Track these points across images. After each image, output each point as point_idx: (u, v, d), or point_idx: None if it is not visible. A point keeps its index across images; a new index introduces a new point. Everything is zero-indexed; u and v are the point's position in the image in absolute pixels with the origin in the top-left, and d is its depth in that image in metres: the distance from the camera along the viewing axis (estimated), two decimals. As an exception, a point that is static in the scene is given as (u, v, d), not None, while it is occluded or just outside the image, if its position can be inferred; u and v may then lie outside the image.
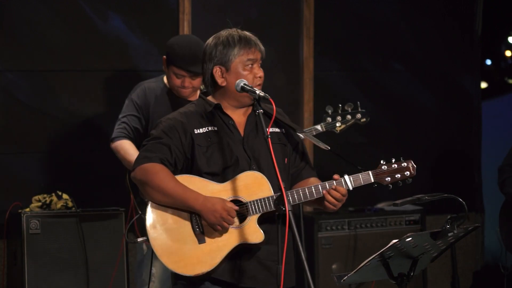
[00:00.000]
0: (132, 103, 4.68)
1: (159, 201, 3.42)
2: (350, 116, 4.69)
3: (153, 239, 3.41)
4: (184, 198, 3.38)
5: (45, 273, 5.01)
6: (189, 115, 3.52)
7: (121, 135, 4.66)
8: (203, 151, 3.45)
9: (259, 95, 3.40)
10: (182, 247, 3.39)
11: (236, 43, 3.51)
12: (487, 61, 7.51)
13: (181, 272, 3.39)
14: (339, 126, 4.67)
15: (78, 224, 5.09)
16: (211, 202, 3.37)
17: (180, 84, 4.59)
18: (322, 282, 5.70)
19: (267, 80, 6.07)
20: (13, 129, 5.49)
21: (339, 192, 3.48)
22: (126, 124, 4.66)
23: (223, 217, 3.36)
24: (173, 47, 4.58)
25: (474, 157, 6.87)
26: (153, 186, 3.39)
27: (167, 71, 4.61)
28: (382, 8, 6.54)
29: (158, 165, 3.40)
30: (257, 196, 3.43)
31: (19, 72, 5.50)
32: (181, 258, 3.39)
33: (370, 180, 3.52)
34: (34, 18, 5.49)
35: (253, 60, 3.53)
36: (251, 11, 6.11)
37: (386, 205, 6.16)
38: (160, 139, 3.44)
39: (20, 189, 5.40)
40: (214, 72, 3.51)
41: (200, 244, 3.39)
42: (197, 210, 3.38)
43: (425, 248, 3.45)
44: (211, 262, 3.38)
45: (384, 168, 3.55)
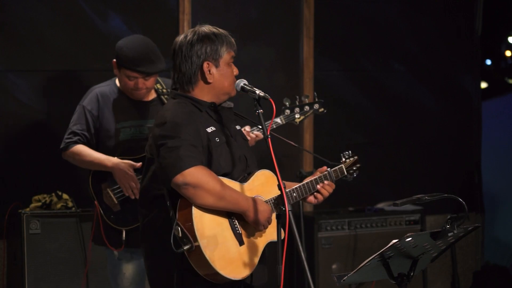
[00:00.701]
0: (82, 111, 4.57)
1: (211, 204, 3.31)
2: (308, 107, 4.66)
3: (204, 246, 3.28)
4: (237, 199, 3.36)
5: (45, 273, 5.01)
6: (194, 114, 3.44)
7: (71, 142, 4.54)
8: (217, 151, 3.43)
9: (259, 95, 3.41)
10: (228, 251, 3.35)
11: (224, 39, 3.50)
12: (487, 61, 7.51)
13: (232, 276, 3.33)
14: (298, 117, 4.64)
15: (78, 224, 5.09)
16: (259, 203, 3.42)
17: (134, 86, 4.49)
18: (322, 282, 5.70)
19: (267, 80, 6.10)
20: (13, 129, 5.49)
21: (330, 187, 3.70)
22: (76, 134, 4.55)
23: (269, 217, 3.43)
24: (122, 50, 4.49)
25: (474, 157, 6.87)
26: (209, 189, 3.28)
27: (119, 74, 4.52)
28: (382, 8, 6.54)
29: (205, 168, 3.32)
30: (272, 194, 3.50)
31: (19, 72, 5.50)
32: (229, 262, 3.34)
33: (344, 173, 3.77)
34: (34, 18, 5.49)
35: (233, 58, 3.56)
36: (251, 11, 6.11)
37: (386, 205, 6.16)
38: (190, 141, 3.33)
39: (20, 189, 5.40)
40: (204, 68, 3.47)
41: (240, 246, 3.39)
42: (247, 210, 3.38)
43: (425, 248, 3.45)
44: (251, 263, 3.41)
45: (348, 161, 3.80)
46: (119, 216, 4.48)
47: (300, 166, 6.13)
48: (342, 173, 3.76)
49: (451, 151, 6.79)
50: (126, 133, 4.53)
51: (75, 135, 4.56)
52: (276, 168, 3.24)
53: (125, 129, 4.54)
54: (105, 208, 4.52)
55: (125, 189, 4.43)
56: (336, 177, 3.73)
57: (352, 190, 6.26)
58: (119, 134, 4.53)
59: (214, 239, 3.32)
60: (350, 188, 6.31)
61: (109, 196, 4.50)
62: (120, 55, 4.48)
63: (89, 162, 4.50)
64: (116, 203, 4.48)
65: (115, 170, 4.42)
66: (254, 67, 6.03)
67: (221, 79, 3.49)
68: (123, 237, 4.45)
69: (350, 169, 3.79)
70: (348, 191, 6.29)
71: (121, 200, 4.48)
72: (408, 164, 6.61)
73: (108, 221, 4.49)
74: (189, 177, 3.27)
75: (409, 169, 6.59)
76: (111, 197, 4.49)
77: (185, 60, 3.47)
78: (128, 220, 4.45)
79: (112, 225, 4.48)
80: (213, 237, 3.32)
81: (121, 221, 4.47)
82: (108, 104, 4.57)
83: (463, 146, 6.84)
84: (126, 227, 4.45)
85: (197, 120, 3.42)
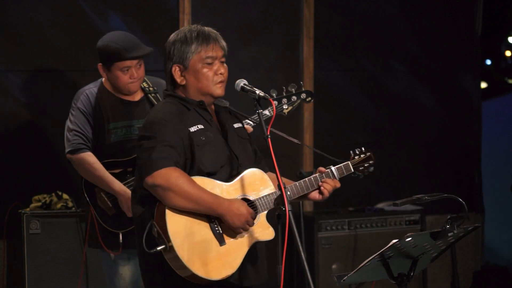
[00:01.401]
0: (80, 112, 4.50)
1: (181, 207, 3.30)
2: (296, 97, 4.57)
3: (178, 246, 3.27)
4: (209, 203, 3.32)
5: (45, 273, 5.01)
6: (179, 114, 3.44)
7: (83, 146, 4.45)
8: (201, 150, 3.41)
9: (259, 95, 3.40)
10: (205, 251, 3.32)
11: (194, 40, 3.45)
12: (487, 61, 7.51)
13: (210, 277, 3.30)
14: (286, 108, 4.53)
15: (78, 224, 5.09)
16: (235, 206, 3.34)
17: (129, 78, 4.43)
18: (322, 282, 5.70)
19: (267, 80, 6.10)
20: (13, 129, 5.49)
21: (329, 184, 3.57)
22: (82, 135, 4.48)
23: (247, 220, 3.36)
24: (107, 46, 4.43)
25: (474, 157, 6.86)
26: (178, 192, 3.28)
27: (110, 74, 4.45)
28: (382, 8, 6.54)
29: (177, 169, 3.31)
30: (262, 193, 3.45)
31: (19, 72, 5.50)
32: (205, 263, 3.31)
33: (350, 169, 3.66)
34: (34, 18, 5.49)
35: (213, 58, 3.47)
36: (251, 11, 6.11)
37: (386, 205, 6.16)
38: (166, 142, 3.34)
39: (20, 189, 5.40)
40: (173, 71, 3.47)
41: (221, 246, 3.35)
42: (222, 214, 3.33)
43: (425, 248, 3.45)
44: (233, 264, 3.37)
45: (357, 158, 3.69)
46: (115, 219, 4.44)
47: (300, 166, 6.13)
48: (349, 170, 3.64)
49: (451, 151, 6.79)
50: (118, 134, 4.49)
51: (82, 138, 4.48)
52: (276, 168, 3.23)
53: (116, 130, 4.49)
54: (101, 212, 4.45)
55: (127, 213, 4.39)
56: (341, 175, 3.62)
57: (352, 190, 6.26)
58: (111, 136, 4.48)
59: (190, 239, 3.30)
60: (350, 188, 6.31)
61: (103, 200, 4.46)
62: (107, 51, 4.43)
63: (97, 176, 4.41)
64: (111, 206, 4.44)
65: (121, 196, 4.39)
66: (254, 67, 6.03)
67: (193, 81, 3.47)
68: (120, 239, 4.42)
69: (360, 165, 3.67)
70: (348, 191, 6.28)
71: (115, 203, 4.45)
72: (408, 164, 6.60)
73: (105, 225, 4.45)
74: (158, 178, 3.28)
75: (409, 169, 6.59)
76: (105, 200, 4.46)
77: (164, 62, 3.52)
78: (124, 222, 4.41)
79: (109, 228, 4.45)
80: (188, 237, 3.30)
81: (118, 224, 4.43)
82: (99, 104, 4.51)
83: (463, 146, 6.84)
84: (123, 230, 4.41)
85: (179, 120, 3.41)
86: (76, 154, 4.46)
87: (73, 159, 4.48)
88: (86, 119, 4.50)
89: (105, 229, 4.45)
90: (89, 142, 4.47)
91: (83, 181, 4.50)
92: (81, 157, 4.44)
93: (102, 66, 4.48)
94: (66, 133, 4.54)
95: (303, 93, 4.57)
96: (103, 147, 4.49)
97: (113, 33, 4.58)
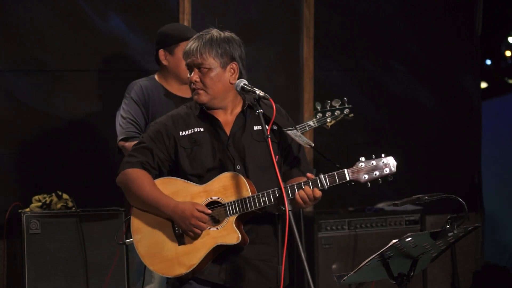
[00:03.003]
0: (133, 102, 4.58)
1: (136, 206, 3.49)
2: (339, 112, 4.82)
3: (137, 241, 3.47)
4: (156, 204, 3.43)
5: (45, 273, 5.01)
6: (177, 117, 3.55)
7: (135, 135, 4.49)
8: (187, 153, 3.48)
9: (259, 95, 3.40)
10: (162, 249, 3.44)
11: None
12: (487, 61, 7.51)
13: (161, 273, 3.47)
14: (330, 121, 4.80)
15: (78, 224, 5.09)
16: (180, 208, 3.40)
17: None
18: (322, 282, 5.70)
19: (267, 80, 6.10)
20: (13, 129, 5.49)
21: (306, 193, 3.35)
22: (136, 123, 4.53)
23: (192, 223, 3.38)
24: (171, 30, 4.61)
25: (474, 157, 6.86)
26: (131, 192, 3.47)
27: (173, 58, 4.56)
28: (382, 8, 6.54)
29: (139, 171, 3.47)
30: (235, 197, 3.42)
31: (19, 72, 5.50)
32: (161, 260, 3.44)
33: (345, 178, 3.36)
34: (34, 18, 5.49)
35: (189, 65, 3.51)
36: (251, 11, 6.11)
37: (386, 205, 6.16)
38: (143, 143, 3.50)
39: (20, 189, 5.40)
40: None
41: (180, 245, 3.43)
42: (169, 216, 3.43)
43: (425, 248, 3.45)
44: (188, 264, 3.41)
45: (361, 166, 3.39)
46: None
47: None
48: (342, 178, 3.38)
49: (451, 151, 6.79)
50: None
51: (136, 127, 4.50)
52: (276, 168, 3.23)
53: None
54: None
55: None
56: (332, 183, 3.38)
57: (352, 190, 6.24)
58: None
59: (150, 237, 3.46)
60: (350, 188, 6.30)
61: None
62: (171, 34, 4.58)
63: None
64: None
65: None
66: (254, 67, 6.03)
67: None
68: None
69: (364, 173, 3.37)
70: (348, 191, 6.28)
71: None
72: (408, 164, 6.59)
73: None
74: (120, 178, 3.51)
75: (409, 169, 6.58)
76: None
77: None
78: None
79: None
80: (148, 235, 3.47)
81: None
82: (152, 97, 4.60)
83: (463, 146, 6.84)
84: None
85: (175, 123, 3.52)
86: (128, 141, 4.50)
87: (125, 147, 4.50)
88: (139, 108, 4.57)
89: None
90: (141, 131, 4.51)
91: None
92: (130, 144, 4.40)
93: (164, 51, 4.58)
94: (119, 121, 4.58)
95: (346, 108, 4.82)
96: None
97: (171, 24, 4.77)
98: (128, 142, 4.49)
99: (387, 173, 3.41)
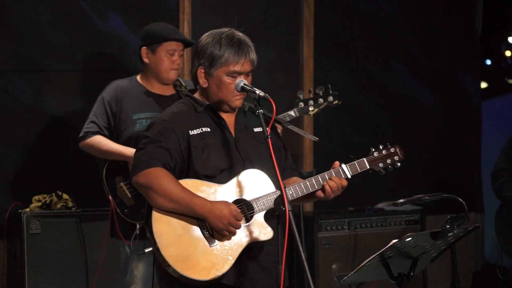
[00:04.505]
0: (102, 102, 4.66)
1: (164, 207, 3.32)
2: (322, 100, 4.67)
3: (163, 247, 3.29)
4: (190, 204, 3.31)
5: (45, 273, 5.01)
6: (182, 115, 3.46)
7: (90, 131, 4.62)
8: (199, 153, 3.41)
9: (259, 95, 3.39)
10: (194, 252, 3.31)
11: (226, 49, 3.42)
12: (487, 61, 7.51)
13: (197, 277, 3.30)
14: (312, 110, 4.63)
15: (78, 224, 5.09)
16: (217, 208, 3.32)
17: (172, 63, 4.59)
18: (322, 282, 5.70)
19: (267, 80, 6.10)
20: (13, 129, 5.49)
21: (335, 182, 3.51)
22: (94, 123, 4.63)
23: (230, 222, 3.33)
24: (151, 29, 4.64)
25: (474, 157, 6.87)
26: (158, 191, 3.30)
27: (154, 57, 4.60)
28: (382, 8, 6.54)
29: (162, 170, 3.33)
30: (259, 193, 3.43)
31: (19, 72, 5.50)
32: (195, 263, 3.31)
33: (366, 166, 3.61)
34: (34, 18, 5.49)
35: (239, 72, 3.45)
36: (251, 11, 6.12)
37: (386, 205, 6.16)
38: (159, 143, 3.37)
39: (20, 189, 5.40)
40: (198, 72, 3.47)
41: (211, 247, 3.34)
42: (204, 216, 3.32)
43: (425, 248, 3.45)
44: (224, 264, 3.35)
45: (376, 155, 3.64)
46: (133, 210, 4.51)
47: (300, 167, 6.13)
48: (363, 167, 3.58)
49: (451, 151, 6.79)
50: (142, 124, 4.58)
51: (94, 126, 4.63)
52: (276, 168, 3.23)
53: (141, 120, 4.60)
54: (119, 203, 4.57)
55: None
56: (354, 172, 3.57)
57: (352, 190, 6.24)
58: (135, 125, 4.59)
59: (176, 240, 3.31)
60: (350, 188, 6.30)
61: (122, 191, 4.54)
62: (156, 33, 4.60)
63: (106, 151, 4.57)
64: (130, 197, 4.52)
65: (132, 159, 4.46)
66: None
67: (215, 89, 3.46)
68: (137, 231, 4.46)
69: (380, 161, 3.61)
70: (348, 191, 6.27)
71: (134, 194, 4.50)
72: (408, 164, 6.59)
73: (122, 215, 4.53)
74: (142, 178, 3.33)
75: (409, 169, 6.58)
76: (124, 191, 4.53)
77: (193, 58, 3.51)
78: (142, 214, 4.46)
79: (126, 219, 4.52)
80: (175, 239, 3.31)
81: (135, 215, 4.49)
82: (127, 96, 4.64)
83: (463, 146, 6.84)
84: (140, 221, 4.46)
85: (182, 121, 3.43)
86: (84, 140, 4.63)
87: (82, 146, 4.67)
88: (104, 108, 4.64)
89: (123, 220, 4.51)
90: (101, 129, 4.61)
91: (104, 172, 4.61)
92: (88, 142, 4.62)
93: (147, 49, 4.62)
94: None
95: (330, 95, 4.66)
96: (127, 136, 4.60)
97: (156, 23, 4.77)
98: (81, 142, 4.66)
99: (397, 159, 3.69)
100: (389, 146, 3.69)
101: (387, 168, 3.65)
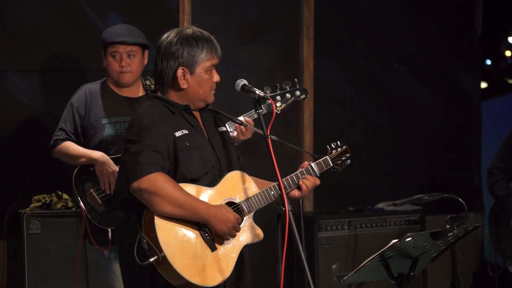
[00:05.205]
0: (70, 108, 4.63)
1: (168, 212, 3.26)
2: (289, 95, 4.59)
3: (171, 256, 3.23)
4: (196, 209, 3.28)
5: (45, 273, 5.01)
6: (164, 117, 3.40)
7: (59, 138, 4.61)
8: (185, 156, 3.37)
9: (259, 95, 3.40)
10: (199, 259, 3.30)
11: (204, 46, 3.42)
12: (487, 61, 7.50)
13: (205, 284, 3.28)
14: (280, 106, 4.57)
15: (78, 224, 5.09)
16: (221, 212, 3.32)
17: (118, 66, 4.53)
18: (322, 282, 5.70)
19: (267, 80, 6.10)
20: (13, 129, 5.49)
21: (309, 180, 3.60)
22: (63, 130, 4.62)
23: (234, 226, 3.34)
24: (105, 31, 4.62)
25: (474, 157, 6.86)
26: (165, 197, 3.23)
27: (106, 60, 4.58)
28: (382, 8, 6.54)
29: (164, 175, 3.28)
30: (246, 194, 3.43)
31: (19, 72, 5.50)
32: (201, 270, 3.29)
33: (330, 164, 3.71)
34: (34, 18, 5.49)
35: (215, 66, 3.48)
36: (251, 11, 6.11)
37: (386, 205, 6.16)
38: (154, 147, 3.30)
39: (20, 189, 5.40)
40: (178, 73, 3.42)
41: (213, 252, 3.33)
42: (209, 220, 3.30)
43: (425, 248, 3.45)
44: (227, 268, 3.35)
45: (334, 152, 3.75)
46: (104, 216, 4.49)
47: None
48: (328, 165, 3.69)
49: (451, 151, 6.79)
50: (111, 128, 4.55)
51: (63, 133, 4.62)
52: (276, 168, 3.23)
53: (110, 124, 4.56)
54: (90, 209, 4.53)
55: (102, 183, 4.45)
56: (320, 170, 3.66)
57: (352, 190, 6.25)
58: (104, 130, 4.56)
59: (182, 247, 3.27)
60: (350, 188, 6.31)
61: (93, 197, 4.51)
62: (103, 37, 4.58)
63: (75, 156, 4.55)
64: (100, 203, 4.50)
65: (99, 161, 4.44)
66: (254, 67, 6.03)
67: (195, 86, 3.44)
68: (109, 236, 4.45)
69: (338, 159, 3.73)
70: (348, 191, 6.28)
71: (104, 200, 4.49)
72: (408, 164, 6.60)
73: (94, 222, 4.50)
74: (144, 183, 3.24)
75: (409, 169, 6.59)
76: (95, 197, 4.50)
77: (161, 61, 3.44)
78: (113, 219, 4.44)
79: (97, 225, 4.50)
80: (180, 246, 3.27)
81: (106, 220, 4.48)
82: (96, 100, 4.60)
83: (463, 146, 6.84)
84: (111, 226, 4.45)
85: (166, 123, 3.37)
86: (54, 148, 4.64)
87: (54, 154, 4.68)
88: (72, 114, 4.62)
89: (95, 226, 4.50)
90: (69, 135, 4.60)
91: (73, 179, 4.58)
92: (58, 149, 4.63)
93: (103, 53, 4.61)
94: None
95: (297, 90, 4.59)
96: (96, 141, 4.57)
97: (116, 25, 4.75)
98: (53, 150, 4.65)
99: (349, 156, 3.78)
100: (339, 144, 3.78)
101: (342, 166, 3.75)
